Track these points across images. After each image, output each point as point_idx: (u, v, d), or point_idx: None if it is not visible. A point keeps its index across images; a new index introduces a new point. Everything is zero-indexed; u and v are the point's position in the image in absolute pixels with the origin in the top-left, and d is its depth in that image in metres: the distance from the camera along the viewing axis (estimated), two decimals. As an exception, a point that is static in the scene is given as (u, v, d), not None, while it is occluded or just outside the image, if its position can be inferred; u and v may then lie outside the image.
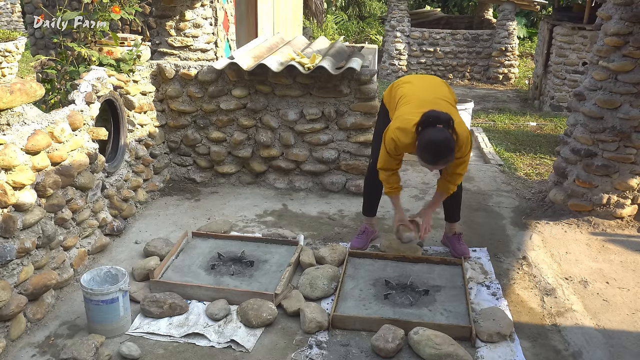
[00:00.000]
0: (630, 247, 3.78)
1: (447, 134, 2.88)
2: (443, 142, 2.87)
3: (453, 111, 3.11)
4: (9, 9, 14.33)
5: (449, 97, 3.25)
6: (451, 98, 3.28)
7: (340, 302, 3.02)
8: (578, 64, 8.47)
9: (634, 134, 3.92)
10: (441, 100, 3.15)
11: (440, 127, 2.88)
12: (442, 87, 3.35)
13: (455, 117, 3.01)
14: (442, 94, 3.24)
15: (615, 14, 3.90)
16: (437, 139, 2.88)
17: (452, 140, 2.88)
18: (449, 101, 3.21)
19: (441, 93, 3.25)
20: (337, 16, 16.55)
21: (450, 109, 3.09)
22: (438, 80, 3.44)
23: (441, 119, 2.89)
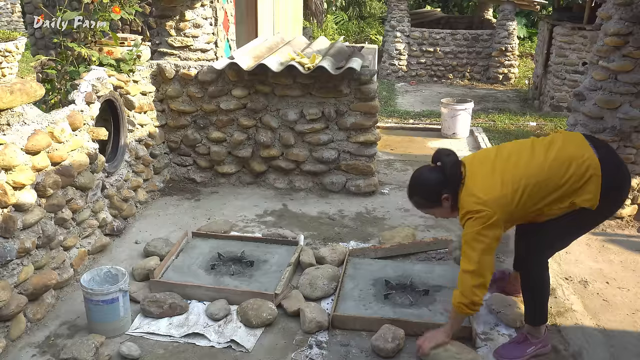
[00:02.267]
0: (630, 247, 3.78)
1: (426, 174, 2.64)
2: (414, 179, 2.68)
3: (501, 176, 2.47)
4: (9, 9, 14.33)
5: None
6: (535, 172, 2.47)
7: (340, 302, 3.02)
8: (578, 64, 8.47)
9: (634, 134, 3.92)
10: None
11: (431, 166, 2.66)
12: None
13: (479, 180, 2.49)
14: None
15: (615, 14, 3.90)
16: (413, 175, 2.69)
17: (426, 182, 2.63)
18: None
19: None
20: (337, 16, 16.55)
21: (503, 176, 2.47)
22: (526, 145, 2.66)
23: (442, 157, 2.61)
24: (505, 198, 2.42)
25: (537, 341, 2.64)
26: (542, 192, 2.44)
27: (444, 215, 2.72)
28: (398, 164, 5.51)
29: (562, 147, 2.51)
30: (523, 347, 2.63)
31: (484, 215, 2.41)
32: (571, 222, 2.53)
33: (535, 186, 2.43)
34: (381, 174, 5.11)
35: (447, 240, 3.65)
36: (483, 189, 2.47)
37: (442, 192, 2.58)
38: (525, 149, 2.59)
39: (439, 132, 6.89)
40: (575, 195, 2.43)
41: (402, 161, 5.62)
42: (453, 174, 2.57)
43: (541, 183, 2.43)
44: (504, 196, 2.42)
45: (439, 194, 2.59)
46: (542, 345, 2.66)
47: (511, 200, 2.43)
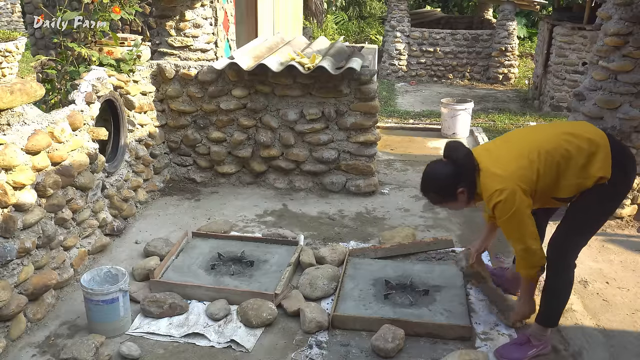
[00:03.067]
0: (630, 247, 3.78)
1: (439, 169, 2.63)
2: (427, 175, 2.67)
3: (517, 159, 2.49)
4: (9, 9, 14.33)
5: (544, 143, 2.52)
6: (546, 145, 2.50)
7: (340, 302, 3.02)
8: (578, 64, 8.47)
9: (634, 134, 3.92)
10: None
11: (443, 161, 2.65)
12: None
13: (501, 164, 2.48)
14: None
15: (615, 14, 3.90)
16: (425, 171, 2.68)
17: (440, 178, 2.61)
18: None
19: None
20: (337, 16, 16.55)
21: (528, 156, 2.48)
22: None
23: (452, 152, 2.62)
24: (524, 169, 2.43)
25: (539, 343, 2.63)
26: (556, 160, 2.43)
27: (460, 208, 2.73)
28: (398, 164, 5.51)
29: (570, 124, 2.60)
30: (525, 349, 2.62)
31: (507, 195, 2.38)
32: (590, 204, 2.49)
33: (549, 154, 2.43)
34: (381, 174, 5.11)
35: (447, 240, 3.65)
36: (500, 166, 2.47)
37: (457, 186, 2.56)
38: (532, 129, 2.67)
39: (439, 132, 6.89)
40: (589, 165, 2.42)
41: (402, 161, 5.62)
42: (467, 165, 2.56)
43: (554, 151, 2.43)
44: (523, 167, 2.43)
45: (454, 188, 2.58)
46: (544, 346, 2.65)
47: (530, 170, 2.42)
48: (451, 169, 2.59)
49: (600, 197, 2.49)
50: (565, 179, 2.46)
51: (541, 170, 2.43)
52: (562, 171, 2.45)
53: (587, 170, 2.43)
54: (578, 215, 2.56)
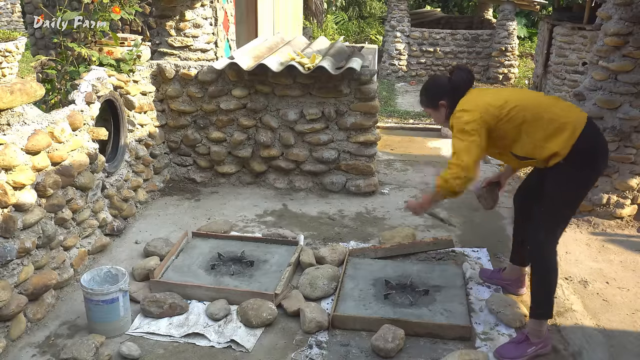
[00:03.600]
0: (630, 247, 3.78)
1: (438, 78, 2.93)
2: (428, 79, 2.97)
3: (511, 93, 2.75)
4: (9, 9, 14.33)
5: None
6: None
7: (340, 302, 3.02)
8: (578, 64, 8.47)
9: (633, 134, 3.92)
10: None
11: (444, 76, 2.88)
12: None
13: (496, 93, 2.76)
14: None
15: (615, 14, 3.90)
16: (428, 78, 2.97)
17: (434, 83, 2.89)
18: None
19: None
20: (337, 16, 16.56)
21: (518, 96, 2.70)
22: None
23: (455, 72, 2.82)
24: (491, 106, 2.61)
25: (537, 341, 2.64)
26: (525, 115, 2.57)
27: (439, 121, 2.92)
28: (398, 164, 5.51)
29: (561, 102, 2.68)
30: (523, 346, 2.63)
31: (466, 114, 2.62)
32: (553, 189, 2.61)
33: (522, 108, 2.58)
34: (381, 174, 5.11)
35: (447, 240, 3.65)
36: (479, 98, 2.69)
37: (442, 97, 2.80)
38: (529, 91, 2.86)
39: (439, 132, 6.89)
40: (551, 138, 2.54)
41: (402, 161, 5.62)
42: (457, 86, 2.77)
43: (528, 109, 2.58)
44: (490, 104, 2.62)
45: (438, 97, 2.82)
46: (543, 345, 2.65)
47: (497, 110, 2.60)
48: (446, 83, 2.83)
49: (559, 180, 2.60)
50: (527, 137, 2.59)
51: (508, 116, 2.59)
52: (525, 127, 2.58)
53: (547, 140, 2.55)
54: (545, 203, 2.65)
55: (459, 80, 2.79)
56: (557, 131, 2.53)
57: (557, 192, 2.62)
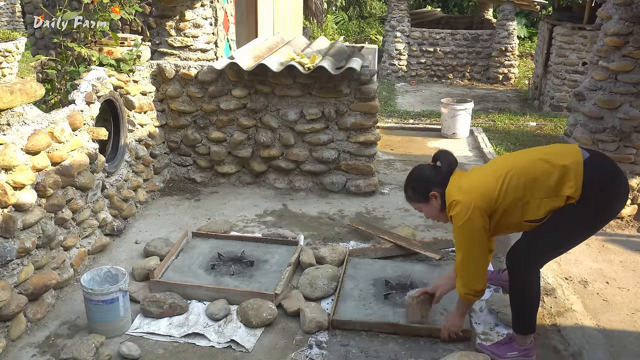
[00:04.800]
0: (630, 247, 3.78)
1: (422, 169, 2.69)
2: (410, 172, 2.74)
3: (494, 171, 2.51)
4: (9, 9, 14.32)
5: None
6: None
7: (340, 302, 3.02)
8: (578, 64, 8.47)
9: (633, 134, 3.92)
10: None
11: (430, 164, 2.69)
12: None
13: (473, 177, 2.55)
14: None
15: (615, 14, 3.90)
16: (412, 169, 2.74)
17: (420, 173, 2.67)
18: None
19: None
20: (337, 16, 16.56)
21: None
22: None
23: (439, 158, 2.65)
24: (486, 188, 2.43)
25: (520, 348, 2.58)
26: (523, 181, 2.40)
27: (433, 215, 2.70)
28: (398, 164, 5.51)
29: (550, 149, 2.53)
30: (505, 348, 2.60)
31: (463, 206, 2.41)
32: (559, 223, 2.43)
33: (516, 175, 2.41)
34: (381, 174, 5.11)
35: (447, 240, 3.64)
36: (467, 181, 2.51)
37: (431, 188, 2.59)
38: (514, 153, 2.65)
39: (439, 132, 6.89)
40: (560, 186, 2.36)
41: (402, 161, 5.62)
42: (446, 173, 2.59)
43: (522, 172, 2.41)
44: (486, 185, 2.43)
45: (427, 189, 2.61)
46: (526, 354, 2.58)
47: (492, 190, 2.41)
48: (432, 172, 2.64)
49: (569, 217, 2.41)
50: (535, 199, 2.40)
51: (505, 189, 2.41)
52: (529, 192, 2.40)
53: (557, 190, 2.38)
54: (545, 233, 2.46)
55: (448, 165, 2.61)
56: (560, 179, 2.36)
57: (562, 229, 2.44)
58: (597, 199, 2.37)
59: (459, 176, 2.58)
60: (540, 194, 2.39)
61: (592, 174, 2.36)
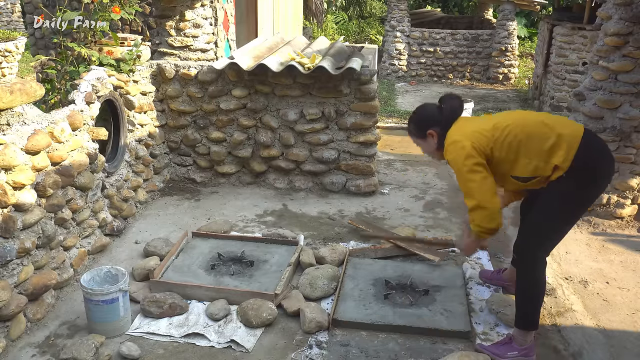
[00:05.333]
0: (630, 247, 3.78)
1: (427, 107, 2.81)
2: (416, 108, 2.86)
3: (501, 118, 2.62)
4: (9, 9, 14.32)
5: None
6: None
7: (340, 302, 3.02)
8: (578, 64, 8.47)
9: (634, 134, 3.92)
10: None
11: (436, 105, 2.79)
12: None
13: (479, 121, 2.64)
14: None
15: (615, 14, 3.90)
16: (416, 108, 2.87)
17: (423, 111, 2.79)
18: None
19: None
20: (337, 16, 16.56)
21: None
22: None
23: (444, 100, 2.74)
24: (482, 133, 2.52)
25: (520, 348, 2.58)
26: (519, 138, 2.48)
27: (428, 151, 2.81)
28: (398, 164, 5.51)
29: (553, 117, 2.61)
30: (505, 348, 2.61)
31: (459, 146, 2.51)
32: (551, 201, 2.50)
33: (514, 130, 2.49)
34: (381, 174, 5.11)
35: (447, 240, 3.64)
36: (470, 126, 2.60)
37: (430, 126, 2.70)
38: (519, 111, 2.75)
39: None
40: (552, 153, 2.44)
41: (402, 161, 5.62)
42: (447, 115, 2.69)
43: (520, 129, 2.49)
44: (483, 131, 2.53)
45: (427, 127, 2.71)
46: (526, 354, 2.58)
47: (490, 135, 2.51)
48: (435, 111, 2.74)
49: (559, 193, 2.48)
50: (526, 157, 2.49)
51: (500, 140, 2.50)
52: (523, 149, 2.49)
53: (548, 155, 2.45)
54: (539, 214, 2.55)
55: (450, 108, 2.70)
56: (554, 146, 2.44)
57: (555, 207, 2.51)
58: (583, 174, 2.44)
59: (463, 121, 2.67)
60: (532, 153, 2.48)
61: (586, 149, 2.43)
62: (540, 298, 2.59)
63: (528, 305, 2.57)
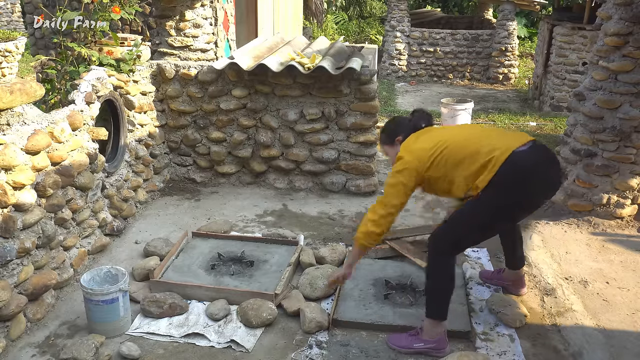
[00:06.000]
0: (630, 247, 3.78)
1: (397, 117, 3.08)
2: (387, 120, 3.03)
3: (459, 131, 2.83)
4: (9, 9, 14.32)
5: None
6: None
7: (340, 302, 3.02)
8: (578, 64, 8.47)
9: (634, 134, 3.92)
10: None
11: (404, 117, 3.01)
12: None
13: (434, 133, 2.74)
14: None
15: (615, 14, 3.90)
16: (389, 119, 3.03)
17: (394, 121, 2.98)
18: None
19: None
20: (337, 16, 16.56)
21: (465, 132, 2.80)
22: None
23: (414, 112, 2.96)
24: (425, 152, 2.63)
25: (427, 340, 2.62)
26: (454, 158, 2.57)
27: (392, 158, 2.88)
28: (398, 164, 5.50)
29: (496, 133, 2.70)
30: (412, 339, 2.66)
31: (402, 161, 2.66)
32: (470, 209, 2.58)
33: (449, 154, 2.58)
34: (381, 174, 5.11)
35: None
36: (418, 143, 2.71)
37: (398, 134, 2.85)
38: (475, 127, 2.86)
39: (439, 132, 6.87)
40: (475, 178, 2.52)
41: (402, 161, 5.61)
42: (414, 125, 2.86)
43: (454, 153, 2.58)
44: (424, 150, 2.64)
45: (395, 135, 2.87)
46: (435, 347, 2.62)
47: (428, 157, 2.61)
48: (406, 122, 2.92)
49: (477, 204, 2.56)
50: (457, 179, 2.57)
51: (437, 160, 2.60)
52: (452, 171, 2.58)
53: (474, 177, 2.52)
54: (458, 218, 2.65)
55: (417, 118, 2.89)
56: (482, 168, 2.49)
57: (471, 212, 2.58)
58: (499, 191, 2.48)
59: (417, 135, 2.79)
60: (461, 177, 2.57)
61: (509, 167, 2.45)
62: (445, 288, 2.63)
63: (438, 296, 2.64)
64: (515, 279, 3.14)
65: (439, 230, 2.69)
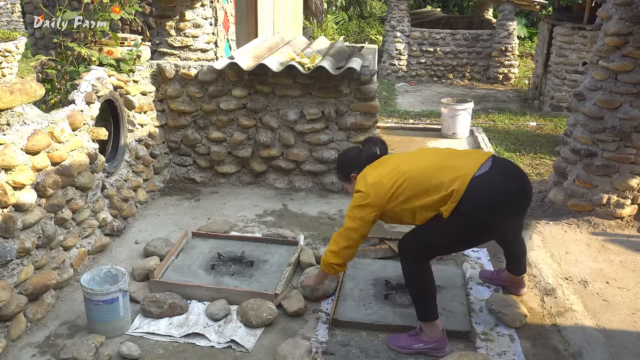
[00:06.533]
0: (630, 247, 3.78)
1: (350, 151, 2.99)
2: (341, 153, 3.01)
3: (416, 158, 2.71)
4: (9, 9, 14.32)
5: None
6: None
7: (340, 302, 3.02)
8: (578, 64, 8.47)
9: (634, 134, 3.92)
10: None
11: (354, 149, 2.97)
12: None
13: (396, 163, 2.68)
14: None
15: (615, 14, 3.90)
16: (340, 153, 2.99)
17: (345, 157, 2.95)
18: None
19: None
20: (337, 16, 16.56)
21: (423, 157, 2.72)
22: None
23: (365, 144, 2.87)
24: (383, 186, 2.58)
25: (427, 340, 2.63)
26: (416, 190, 2.53)
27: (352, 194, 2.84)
28: (398, 164, 5.50)
29: (454, 157, 2.63)
30: (412, 340, 2.66)
31: (360, 195, 2.63)
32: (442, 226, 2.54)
33: (411, 182, 2.54)
34: (381, 174, 5.11)
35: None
36: (375, 176, 2.64)
37: (352, 170, 2.84)
38: (433, 152, 2.79)
39: (439, 132, 6.89)
40: (439, 206, 2.50)
41: (402, 161, 5.61)
42: (366, 159, 2.80)
43: (417, 179, 2.54)
44: (383, 185, 2.59)
45: (349, 171, 2.86)
46: (434, 347, 2.62)
47: (387, 190, 2.57)
48: (357, 155, 2.87)
49: (439, 221, 2.55)
50: (421, 209, 2.55)
51: (397, 194, 2.56)
52: (416, 201, 2.54)
53: (438, 206, 2.51)
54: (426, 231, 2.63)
55: (367, 153, 2.82)
56: (446, 197, 2.48)
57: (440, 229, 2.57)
58: (464, 216, 2.46)
59: (373, 166, 2.73)
60: (423, 208, 2.55)
61: (470, 195, 2.44)
62: (427, 289, 2.64)
63: (422, 300, 2.64)
64: (515, 280, 3.14)
65: (409, 239, 2.69)
